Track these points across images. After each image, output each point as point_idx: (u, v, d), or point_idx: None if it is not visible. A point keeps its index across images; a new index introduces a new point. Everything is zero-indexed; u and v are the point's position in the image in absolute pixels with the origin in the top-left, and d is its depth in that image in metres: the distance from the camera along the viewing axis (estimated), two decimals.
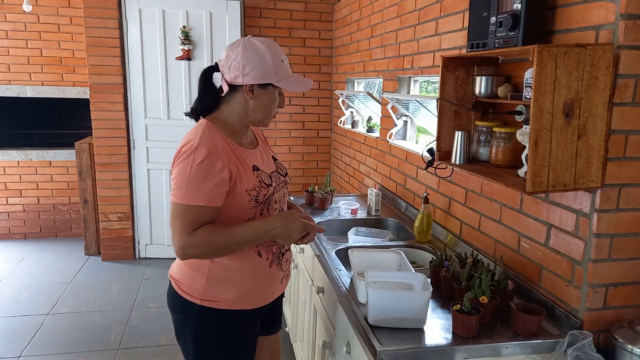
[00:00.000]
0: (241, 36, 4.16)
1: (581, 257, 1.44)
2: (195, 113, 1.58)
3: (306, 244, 1.64)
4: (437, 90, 1.83)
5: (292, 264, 1.80)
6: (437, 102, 1.80)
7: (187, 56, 4.12)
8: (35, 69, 4.67)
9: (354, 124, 3.91)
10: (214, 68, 1.58)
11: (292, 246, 2.83)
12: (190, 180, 1.38)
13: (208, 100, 1.56)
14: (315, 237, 2.30)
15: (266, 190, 1.53)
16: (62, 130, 5.04)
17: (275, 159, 1.71)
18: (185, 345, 1.64)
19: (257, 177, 1.51)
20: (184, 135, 1.52)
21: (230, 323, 1.57)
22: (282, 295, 1.79)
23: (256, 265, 1.56)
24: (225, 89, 1.52)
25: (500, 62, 1.81)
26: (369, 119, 3.69)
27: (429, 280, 1.57)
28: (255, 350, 1.70)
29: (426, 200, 2.26)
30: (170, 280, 1.65)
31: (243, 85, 1.48)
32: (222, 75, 1.53)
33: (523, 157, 1.49)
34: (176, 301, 1.61)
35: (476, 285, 1.50)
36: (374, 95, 3.23)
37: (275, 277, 1.63)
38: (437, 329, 1.48)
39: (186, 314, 1.59)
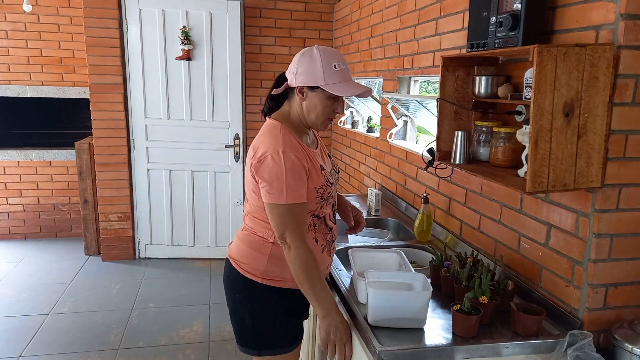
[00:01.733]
0: (241, 36, 4.19)
1: (581, 257, 1.44)
2: (265, 111, 1.73)
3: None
4: (437, 90, 1.83)
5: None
6: (437, 102, 1.80)
7: (187, 56, 4.12)
8: (35, 69, 4.67)
9: (354, 124, 3.91)
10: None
11: None
12: (288, 181, 1.51)
13: (274, 99, 1.69)
14: None
15: (330, 189, 1.66)
16: (62, 130, 5.05)
17: (330, 157, 1.82)
18: (242, 323, 1.72)
19: (324, 176, 1.64)
20: (184, 135, 1.58)
21: (289, 300, 1.67)
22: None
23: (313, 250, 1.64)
24: (283, 89, 1.65)
25: (500, 62, 1.81)
26: (369, 119, 3.69)
27: (429, 280, 1.57)
28: (303, 330, 1.79)
29: (426, 200, 2.26)
30: (229, 260, 1.74)
31: (296, 87, 1.61)
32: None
33: (523, 157, 1.49)
34: (237, 280, 1.70)
35: (476, 285, 1.50)
36: (374, 95, 3.23)
37: (325, 262, 1.72)
38: (437, 329, 1.48)
39: (248, 292, 1.68)
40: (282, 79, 1.68)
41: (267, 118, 1.69)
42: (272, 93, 1.67)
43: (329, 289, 1.57)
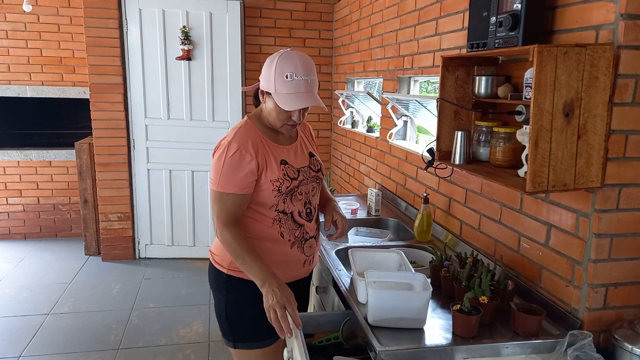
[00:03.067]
0: (241, 36, 4.18)
1: (581, 257, 1.44)
2: (255, 103, 1.79)
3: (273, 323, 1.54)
4: (437, 90, 1.83)
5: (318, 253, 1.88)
6: (437, 102, 1.80)
7: (187, 56, 4.12)
8: (35, 69, 4.67)
9: (354, 124, 3.91)
10: None
11: None
12: (224, 170, 1.59)
13: (258, 97, 1.76)
14: None
15: (289, 183, 1.66)
16: (62, 130, 5.05)
17: (312, 155, 1.83)
18: (220, 317, 1.76)
19: (282, 170, 1.66)
20: (184, 135, 1.62)
21: (255, 293, 1.60)
22: (308, 283, 1.90)
23: (278, 243, 1.69)
24: (254, 87, 1.75)
25: (500, 62, 1.81)
26: (369, 119, 3.69)
27: (429, 280, 1.57)
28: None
29: (426, 200, 2.26)
30: (210, 255, 1.81)
31: (259, 88, 1.68)
32: None
33: (523, 157, 1.49)
34: (211, 272, 1.79)
35: (476, 285, 1.50)
36: (374, 95, 3.23)
37: (296, 259, 1.73)
38: (437, 329, 1.48)
39: (219, 284, 1.75)
40: None
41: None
42: (242, 89, 1.76)
43: (262, 261, 1.56)
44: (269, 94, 1.63)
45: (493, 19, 1.59)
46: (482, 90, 1.73)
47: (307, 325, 1.65)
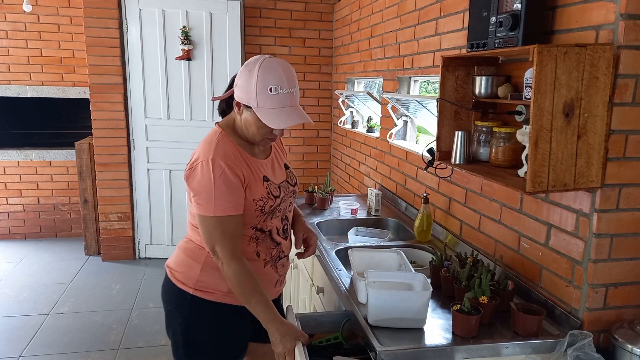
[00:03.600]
0: (241, 36, 4.18)
1: (581, 257, 1.44)
2: (220, 110, 1.64)
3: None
4: (437, 90, 1.83)
5: (290, 268, 1.81)
6: (437, 102, 1.80)
7: (187, 56, 4.12)
8: (35, 69, 4.67)
9: (354, 124, 3.91)
10: None
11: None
12: (217, 193, 1.43)
13: (228, 102, 1.59)
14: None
15: (273, 202, 1.55)
16: (62, 130, 5.05)
17: (287, 167, 1.71)
18: (175, 337, 1.64)
19: (266, 188, 1.54)
20: (184, 135, 1.55)
21: (221, 316, 1.57)
22: (279, 303, 1.78)
23: (252, 262, 1.55)
24: (227, 95, 1.56)
25: (500, 62, 1.81)
26: (369, 119, 3.69)
27: (429, 280, 1.57)
28: (245, 349, 1.69)
29: (426, 200, 2.26)
30: (166, 270, 1.67)
31: (234, 99, 1.50)
32: None
33: (523, 157, 1.49)
34: (170, 291, 1.63)
35: (476, 285, 1.50)
36: (374, 95, 3.23)
37: (269, 278, 1.63)
38: (437, 329, 1.48)
39: (179, 303, 1.60)
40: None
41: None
42: (214, 99, 1.59)
43: (268, 303, 1.48)
44: (247, 106, 1.46)
45: (493, 19, 1.59)
46: (482, 90, 1.73)
47: (307, 325, 1.65)
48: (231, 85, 1.54)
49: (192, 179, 1.46)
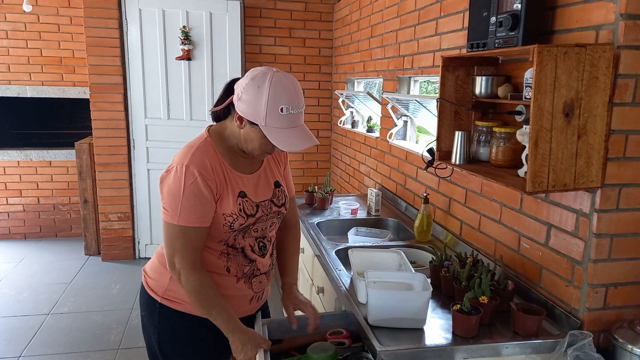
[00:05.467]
0: (241, 36, 4.18)
1: (581, 257, 1.44)
2: (214, 116, 1.54)
3: None
4: (437, 90, 1.83)
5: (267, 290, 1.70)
6: (437, 102, 1.80)
7: (187, 56, 4.12)
8: (35, 69, 4.67)
9: (354, 124, 3.91)
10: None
11: None
12: (184, 202, 1.37)
13: (223, 108, 1.49)
14: (316, 237, 2.31)
15: (244, 220, 1.46)
16: (62, 130, 5.05)
17: (278, 185, 1.60)
18: (150, 343, 1.61)
19: (239, 204, 1.45)
20: (184, 135, 1.50)
21: (190, 328, 1.52)
22: (255, 318, 1.70)
23: (222, 276, 1.51)
24: (226, 104, 1.46)
25: (500, 62, 1.81)
26: (369, 119, 3.69)
27: (429, 280, 1.57)
28: (222, 358, 1.62)
29: (426, 200, 2.26)
30: (142, 275, 1.64)
31: (236, 112, 1.41)
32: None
33: (523, 157, 1.49)
34: (143, 297, 1.60)
35: (476, 285, 1.50)
36: (374, 95, 3.23)
37: (243, 294, 1.56)
38: (437, 329, 1.48)
39: (151, 311, 1.57)
40: (231, 86, 1.46)
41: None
42: (213, 109, 1.50)
43: (229, 313, 1.43)
44: (252, 123, 1.37)
45: (493, 19, 1.59)
46: (482, 90, 1.73)
47: (277, 330, 1.59)
48: (227, 92, 1.46)
49: (164, 183, 1.42)
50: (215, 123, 1.55)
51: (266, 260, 1.59)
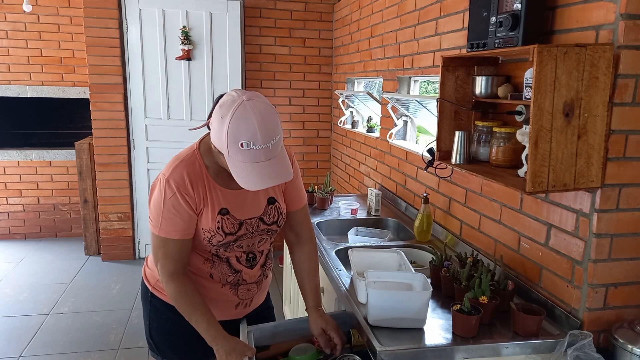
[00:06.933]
0: (241, 36, 4.18)
1: (581, 257, 1.44)
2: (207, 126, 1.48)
3: None
4: (437, 90, 1.83)
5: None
6: (437, 102, 1.80)
7: (187, 56, 4.12)
8: (35, 69, 4.67)
9: (354, 124, 3.91)
10: None
11: None
12: (165, 214, 1.39)
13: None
14: (316, 237, 2.30)
15: (222, 237, 1.44)
16: (62, 130, 5.05)
17: (272, 202, 1.53)
18: (145, 331, 1.66)
19: (218, 221, 1.43)
20: (184, 135, 1.48)
21: (177, 320, 1.51)
22: (268, 316, 1.73)
23: (207, 281, 1.52)
24: (203, 126, 1.47)
25: (500, 62, 1.81)
26: (369, 119, 3.69)
27: (429, 280, 1.56)
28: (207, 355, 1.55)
29: (426, 200, 2.26)
30: (144, 263, 1.70)
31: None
32: None
33: (523, 157, 1.49)
34: (142, 284, 1.67)
35: (476, 285, 1.50)
36: (374, 95, 3.23)
37: (227, 299, 1.56)
38: (437, 329, 1.48)
39: (145, 299, 1.64)
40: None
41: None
42: (191, 129, 1.48)
43: (209, 321, 1.42)
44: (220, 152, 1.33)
45: (493, 19, 1.59)
46: (482, 90, 1.73)
47: (262, 336, 1.57)
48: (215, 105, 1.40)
49: (151, 193, 1.45)
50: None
51: (255, 271, 1.57)
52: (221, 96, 1.37)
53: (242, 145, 1.26)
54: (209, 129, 1.39)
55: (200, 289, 1.49)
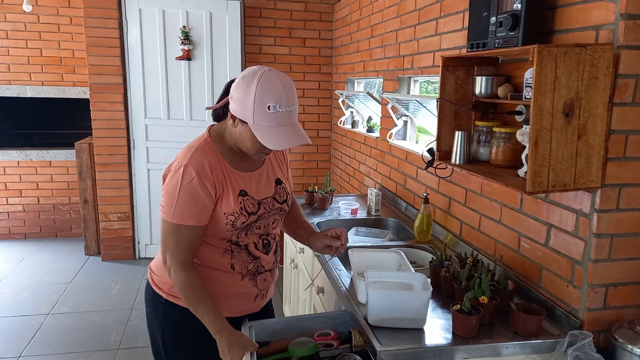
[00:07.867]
0: (241, 36, 4.18)
1: (581, 257, 1.44)
2: (214, 115, 1.58)
3: None
4: (437, 90, 1.83)
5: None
6: (437, 102, 1.80)
7: (187, 56, 4.12)
8: (35, 69, 4.67)
9: (354, 124, 3.91)
10: None
11: (292, 245, 2.84)
12: (180, 200, 1.41)
13: (222, 107, 1.52)
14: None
15: (246, 218, 1.48)
16: (62, 130, 5.05)
17: (279, 183, 1.62)
18: (153, 339, 1.64)
19: (240, 202, 1.47)
20: (184, 135, 1.51)
21: (193, 325, 1.51)
22: (268, 312, 1.74)
23: (228, 274, 1.53)
24: (222, 104, 1.49)
25: (500, 62, 1.81)
26: (369, 119, 3.69)
27: (429, 280, 1.56)
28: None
29: (426, 200, 2.26)
30: (148, 272, 1.68)
31: (229, 111, 1.43)
32: None
33: (523, 157, 1.49)
34: (148, 293, 1.65)
35: (476, 285, 1.50)
36: (374, 95, 3.23)
37: (247, 292, 1.58)
38: (437, 329, 1.48)
39: (155, 307, 1.61)
40: (230, 86, 1.46)
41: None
42: (209, 108, 1.54)
43: (216, 314, 1.44)
44: (243, 121, 1.39)
45: (493, 19, 1.59)
46: (482, 90, 1.73)
47: (263, 332, 1.59)
48: (225, 93, 1.48)
49: (165, 181, 1.46)
50: (216, 123, 1.58)
51: (270, 257, 1.61)
52: (231, 82, 1.45)
53: (269, 107, 1.34)
54: (223, 111, 1.49)
55: (218, 286, 1.51)
